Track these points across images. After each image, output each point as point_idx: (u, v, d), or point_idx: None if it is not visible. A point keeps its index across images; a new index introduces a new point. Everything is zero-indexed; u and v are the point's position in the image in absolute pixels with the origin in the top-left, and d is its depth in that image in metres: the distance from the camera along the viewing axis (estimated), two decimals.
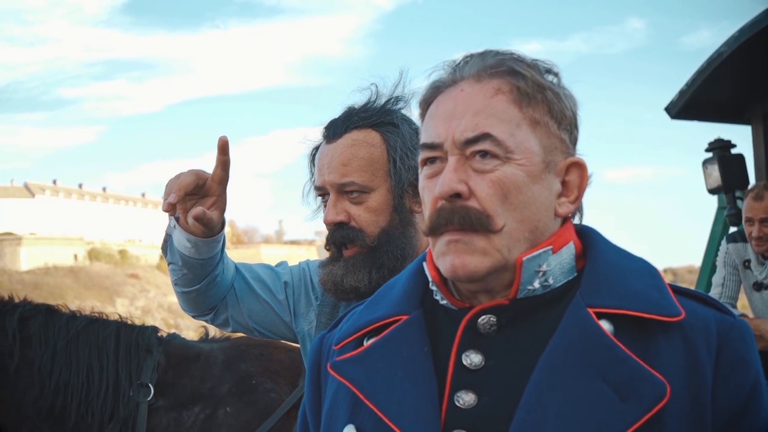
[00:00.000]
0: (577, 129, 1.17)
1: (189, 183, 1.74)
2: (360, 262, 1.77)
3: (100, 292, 63.64)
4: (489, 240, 1.08)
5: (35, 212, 77.54)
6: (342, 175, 1.78)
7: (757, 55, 5.07)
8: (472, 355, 1.09)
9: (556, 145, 1.13)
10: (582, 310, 1.06)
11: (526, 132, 1.10)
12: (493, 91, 1.12)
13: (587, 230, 1.19)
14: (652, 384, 1.00)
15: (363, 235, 1.78)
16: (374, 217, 1.79)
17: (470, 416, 1.05)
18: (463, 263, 1.08)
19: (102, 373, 3.14)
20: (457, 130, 1.10)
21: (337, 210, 1.79)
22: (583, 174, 1.16)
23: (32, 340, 3.13)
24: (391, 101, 1.88)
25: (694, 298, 1.12)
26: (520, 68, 1.13)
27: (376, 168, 1.80)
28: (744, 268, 4.49)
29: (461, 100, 1.13)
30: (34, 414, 3.07)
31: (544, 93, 1.12)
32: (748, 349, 1.07)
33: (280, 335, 2.07)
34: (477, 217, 1.08)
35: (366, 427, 1.10)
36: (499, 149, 1.09)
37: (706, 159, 5.80)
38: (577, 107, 1.17)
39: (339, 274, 1.78)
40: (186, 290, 1.94)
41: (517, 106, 1.11)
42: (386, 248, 1.77)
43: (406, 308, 1.17)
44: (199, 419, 3.13)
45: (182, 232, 1.81)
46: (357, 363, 1.14)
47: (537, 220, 1.11)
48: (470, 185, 1.09)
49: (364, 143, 1.80)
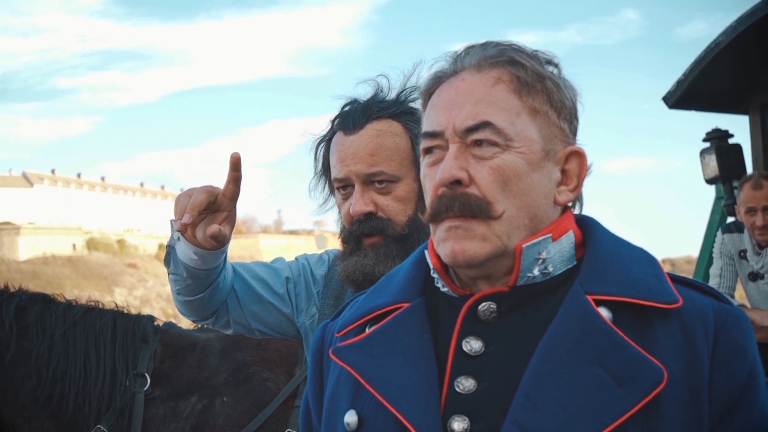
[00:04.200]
0: (577, 119, 1.19)
1: (202, 201, 1.72)
2: (393, 250, 1.76)
3: (99, 282, 63.61)
4: (489, 226, 1.09)
5: (34, 202, 77.44)
6: (370, 165, 1.78)
7: (755, 44, 5.06)
8: (472, 342, 1.10)
9: (556, 134, 1.15)
10: (581, 297, 1.07)
11: (525, 121, 1.12)
12: (494, 80, 1.14)
13: (587, 220, 1.20)
14: (650, 370, 1.01)
15: (392, 225, 1.78)
16: (402, 206, 1.79)
17: (470, 401, 1.07)
18: (462, 249, 1.09)
19: (99, 362, 3.13)
20: (458, 118, 1.12)
21: (364, 200, 1.78)
22: (583, 163, 1.17)
23: (29, 329, 3.13)
24: (406, 91, 1.88)
25: (693, 287, 1.13)
26: (521, 58, 1.15)
27: (402, 157, 1.80)
28: (740, 259, 4.49)
29: (462, 89, 1.14)
30: (31, 404, 3.07)
31: (543, 83, 1.14)
32: (745, 338, 1.08)
33: (283, 333, 2.05)
34: (477, 204, 1.09)
35: (367, 412, 1.11)
36: (499, 137, 1.10)
37: (703, 149, 5.80)
38: (577, 98, 1.19)
39: (369, 263, 1.76)
40: (189, 299, 1.93)
41: (517, 95, 1.13)
42: (417, 236, 1.77)
43: (407, 296, 1.18)
44: (196, 409, 3.13)
45: (188, 245, 1.79)
46: (358, 349, 1.16)
47: (536, 207, 1.12)
48: (470, 172, 1.11)
49: (389, 133, 1.81)
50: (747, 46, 5.09)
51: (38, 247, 68.76)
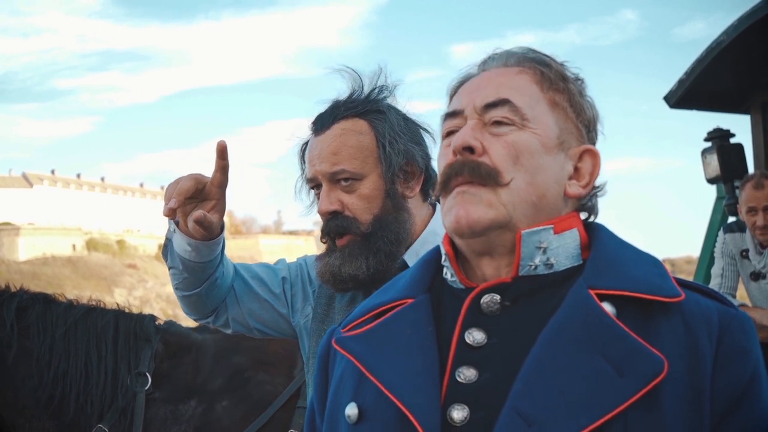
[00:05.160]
0: (596, 134, 1.23)
1: (189, 188, 1.75)
2: (356, 249, 1.78)
3: (99, 282, 63.69)
4: (496, 194, 1.11)
5: (33, 202, 77.51)
6: (333, 164, 1.79)
7: (756, 44, 5.06)
8: (475, 333, 1.10)
9: (572, 131, 1.18)
10: (583, 291, 1.08)
11: (544, 109, 1.16)
12: (518, 71, 1.19)
13: (595, 224, 1.21)
14: (651, 360, 1.01)
15: (357, 223, 1.79)
16: (367, 204, 1.80)
17: (471, 391, 1.06)
18: (467, 212, 1.11)
19: (101, 362, 3.12)
20: (479, 97, 1.17)
21: (330, 199, 1.80)
22: (596, 163, 1.19)
23: (30, 329, 3.11)
24: (375, 91, 1.90)
25: (697, 291, 1.13)
26: (547, 60, 1.20)
27: (366, 155, 1.81)
28: (741, 258, 4.48)
29: (485, 76, 1.20)
30: (32, 404, 3.05)
31: (566, 84, 1.19)
32: (749, 340, 1.08)
33: (281, 332, 2.07)
34: (486, 171, 1.11)
35: (368, 404, 1.11)
36: (516, 116, 1.14)
37: (705, 148, 5.79)
38: (598, 118, 1.23)
39: (336, 264, 1.78)
40: (187, 294, 1.95)
41: (538, 86, 1.18)
42: (381, 234, 1.78)
43: (413, 293, 1.19)
44: (197, 413, 3.11)
45: (182, 236, 1.82)
46: (361, 339, 1.17)
47: (546, 188, 1.14)
48: (484, 144, 1.13)
49: (352, 131, 1.82)
50: (748, 45, 5.09)
51: (38, 247, 68.86)
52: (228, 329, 2.07)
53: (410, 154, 1.84)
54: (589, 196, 1.20)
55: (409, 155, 1.83)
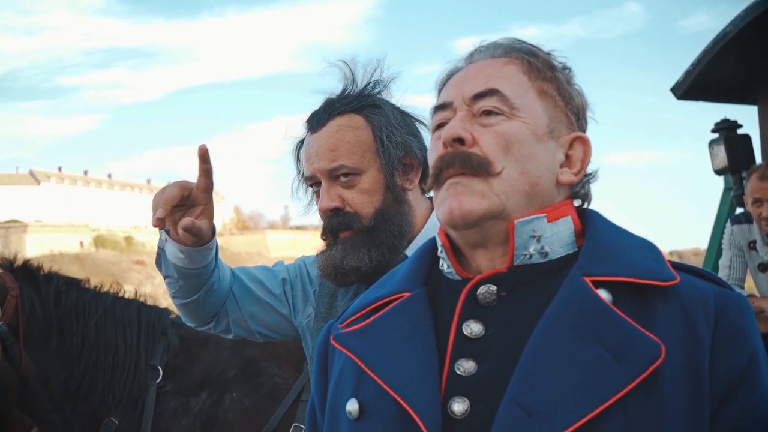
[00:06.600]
0: (586, 122, 1.22)
1: (175, 196, 1.73)
2: (359, 242, 1.77)
3: (107, 279, 63.34)
4: (488, 183, 1.11)
5: (41, 199, 77.76)
6: (331, 160, 1.78)
7: (763, 34, 5.02)
8: (473, 325, 1.10)
9: (562, 119, 1.18)
10: (578, 278, 1.08)
11: (533, 98, 1.17)
12: (505, 61, 1.19)
13: (588, 211, 1.21)
14: (648, 345, 1.01)
15: (359, 218, 1.78)
16: (368, 199, 1.79)
17: (470, 383, 1.06)
18: (460, 204, 1.11)
19: (127, 353, 3.10)
20: (467, 88, 1.17)
21: (330, 196, 1.79)
22: (587, 150, 1.19)
23: (68, 317, 3.08)
24: (369, 85, 1.89)
25: (693, 273, 1.13)
26: (533, 50, 1.21)
27: (364, 149, 1.80)
28: (749, 249, 4.48)
29: (473, 68, 1.20)
30: (60, 394, 3.03)
31: (554, 72, 1.19)
32: (746, 321, 1.07)
33: (283, 334, 2.07)
34: (477, 161, 1.12)
35: (368, 400, 1.11)
36: (505, 106, 1.14)
37: (712, 140, 5.77)
38: (587, 106, 1.23)
39: (338, 256, 1.78)
40: (185, 302, 1.95)
41: (526, 76, 1.18)
42: (383, 227, 1.78)
43: (410, 286, 1.19)
44: (206, 405, 3.10)
45: (174, 244, 1.81)
46: (359, 335, 1.16)
47: (538, 177, 1.14)
48: (474, 135, 1.13)
49: (348, 127, 1.81)
50: (756, 36, 5.05)
51: (46, 244, 69.04)
52: (229, 334, 2.06)
53: (408, 147, 1.83)
54: (582, 183, 1.20)
55: (407, 147, 1.83)
